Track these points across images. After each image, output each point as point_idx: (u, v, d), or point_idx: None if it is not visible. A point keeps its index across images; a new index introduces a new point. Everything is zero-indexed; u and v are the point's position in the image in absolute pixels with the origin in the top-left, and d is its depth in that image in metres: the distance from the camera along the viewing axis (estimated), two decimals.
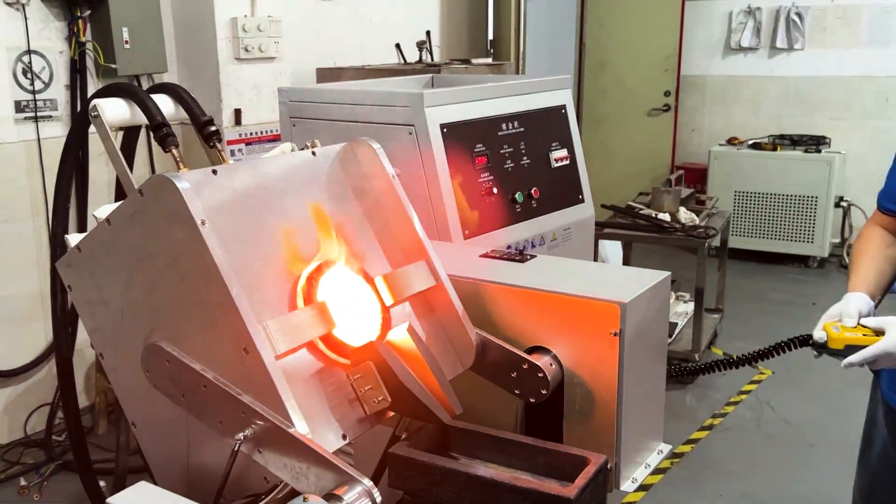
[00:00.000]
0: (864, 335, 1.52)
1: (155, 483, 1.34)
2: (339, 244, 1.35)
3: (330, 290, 1.30)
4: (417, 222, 1.46)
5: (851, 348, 1.51)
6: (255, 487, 1.17)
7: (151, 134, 1.48)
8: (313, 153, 1.45)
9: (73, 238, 1.34)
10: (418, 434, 1.38)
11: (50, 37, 3.58)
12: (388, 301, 1.36)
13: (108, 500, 1.10)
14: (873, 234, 1.80)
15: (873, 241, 1.78)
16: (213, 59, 3.95)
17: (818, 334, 1.56)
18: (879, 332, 1.51)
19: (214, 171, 1.25)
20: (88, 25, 3.63)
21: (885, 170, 1.83)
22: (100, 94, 1.57)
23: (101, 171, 3.73)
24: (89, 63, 3.68)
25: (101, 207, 1.31)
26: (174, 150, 1.45)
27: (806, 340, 1.59)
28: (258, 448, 1.14)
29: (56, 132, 3.63)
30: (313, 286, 1.28)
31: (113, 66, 3.63)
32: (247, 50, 3.98)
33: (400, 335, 1.29)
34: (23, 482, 3.28)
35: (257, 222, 1.28)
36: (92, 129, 1.55)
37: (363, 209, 1.47)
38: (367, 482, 1.07)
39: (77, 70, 3.63)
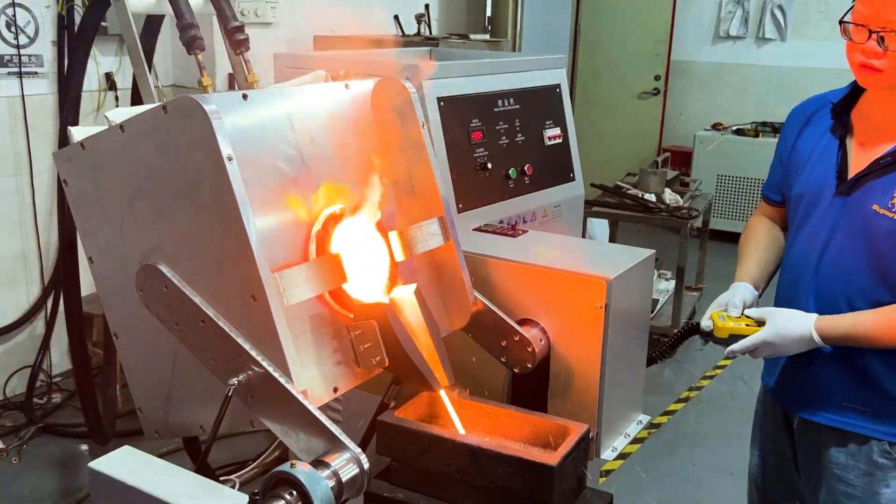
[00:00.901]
0: (747, 325, 1.61)
1: (138, 437, 1.35)
2: (359, 191, 1.29)
3: (344, 240, 1.25)
4: (439, 175, 1.40)
5: (735, 337, 1.61)
6: (237, 426, 1.16)
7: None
8: (346, 86, 1.35)
9: (79, 132, 1.24)
10: (406, 401, 1.41)
11: None
12: (399, 257, 1.32)
13: (90, 464, 1.10)
14: (758, 225, 1.88)
15: (758, 232, 1.86)
16: (208, 22, 3.91)
17: (705, 323, 1.65)
18: (761, 323, 1.61)
19: (245, 96, 1.17)
20: None
21: None
22: None
23: None
24: (78, 19, 3.55)
25: (116, 109, 1.23)
26: (198, 56, 1.34)
27: (694, 329, 1.68)
28: (250, 395, 1.11)
29: (41, 89, 3.53)
30: (328, 233, 1.23)
31: (103, 24, 3.53)
32: (242, 14, 3.95)
33: (406, 295, 1.28)
34: (1, 445, 3.23)
35: (282, 154, 1.20)
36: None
37: (387, 152, 1.38)
38: (356, 449, 1.06)
39: (65, 26, 3.53)
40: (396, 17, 4.94)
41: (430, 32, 5.00)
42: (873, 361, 1.60)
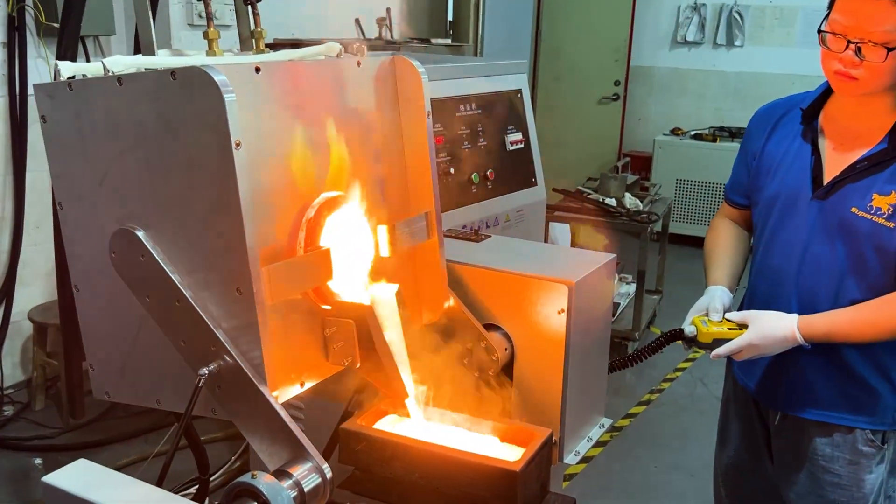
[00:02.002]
0: (730, 329, 1.65)
1: (93, 450, 1.28)
2: (358, 177, 1.24)
3: (333, 231, 1.21)
4: (434, 168, 1.35)
5: (718, 341, 1.65)
6: (199, 409, 1.11)
7: None
8: (358, 63, 1.29)
9: (67, 68, 1.14)
10: (369, 408, 1.39)
11: None
12: (385, 253, 1.28)
13: (44, 478, 1.07)
14: (723, 227, 1.92)
15: (724, 235, 1.90)
16: (165, 24, 3.85)
17: (688, 329, 1.69)
18: (743, 326, 1.65)
19: (257, 69, 1.10)
20: None
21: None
22: None
23: (40, 136, 3.61)
24: (29, 20, 3.48)
25: (115, 57, 1.15)
26: (209, 5, 1.25)
27: (677, 335, 1.71)
28: (218, 385, 1.08)
29: None
30: (319, 223, 1.18)
31: (55, 24, 3.40)
32: (200, 16, 3.90)
33: (386, 295, 1.25)
34: None
35: (286, 135, 1.15)
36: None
37: (389, 135, 1.33)
38: (319, 458, 1.05)
39: (15, 27, 3.42)
40: (357, 21, 4.92)
41: (392, 37, 4.99)
42: (852, 356, 1.67)
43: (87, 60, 3.74)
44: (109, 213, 1.14)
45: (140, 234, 1.10)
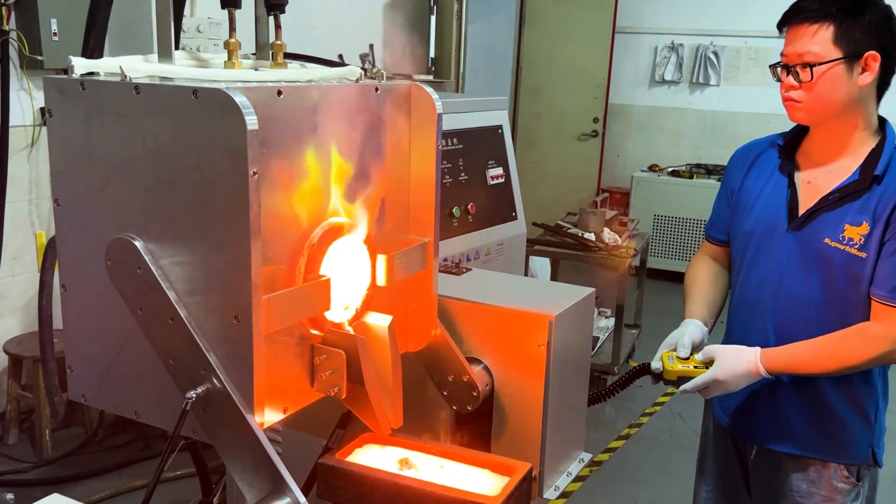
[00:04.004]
0: (695, 367, 1.68)
1: (66, 485, 1.25)
2: (361, 207, 1.23)
3: (334, 259, 1.19)
4: (438, 200, 1.35)
5: (683, 379, 1.68)
6: (181, 431, 1.10)
7: None
8: (376, 88, 1.27)
9: (80, 65, 1.11)
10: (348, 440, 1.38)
11: None
12: (381, 282, 1.26)
13: None
14: (702, 264, 1.95)
15: (703, 270, 1.93)
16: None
17: (655, 364, 1.73)
18: (709, 363, 1.67)
19: (279, 93, 1.07)
20: (13, 13, 3.43)
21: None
22: None
23: (21, 167, 3.59)
24: (13, 53, 3.48)
25: (132, 59, 1.12)
26: (233, 12, 1.20)
27: (645, 370, 1.74)
28: (203, 408, 1.06)
29: None
30: (321, 250, 1.16)
31: (39, 57, 3.44)
32: (184, 48, 3.93)
33: (379, 325, 1.24)
34: None
35: (301, 160, 1.13)
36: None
37: (396, 166, 1.33)
38: (298, 493, 1.03)
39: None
40: (340, 57, 4.98)
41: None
42: (827, 389, 1.69)
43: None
44: (109, 219, 1.12)
45: (139, 244, 1.08)
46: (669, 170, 6.75)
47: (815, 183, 1.70)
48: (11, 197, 3.45)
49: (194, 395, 1.05)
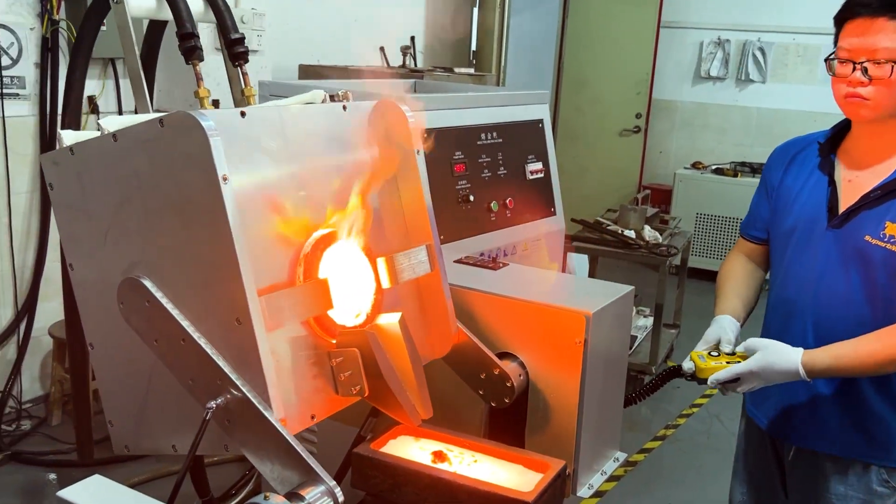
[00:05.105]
0: (728, 362, 1.65)
1: (108, 467, 1.30)
2: (350, 216, 1.28)
3: (332, 264, 1.24)
4: (430, 203, 1.40)
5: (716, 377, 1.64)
6: (211, 448, 1.15)
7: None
8: (343, 107, 1.35)
9: (69, 136, 1.22)
10: (383, 434, 1.39)
11: (21, 12, 3.46)
12: (386, 284, 1.30)
13: (59, 493, 1.07)
14: (736, 261, 1.92)
15: (736, 268, 1.90)
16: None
17: (687, 365, 1.70)
18: (744, 356, 1.64)
19: (243, 114, 1.15)
20: (63, 4, 3.52)
21: None
22: None
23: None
24: (62, 42, 3.58)
25: (110, 117, 1.22)
26: (197, 66, 1.31)
27: (676, 372, 1.72)
28: (227, 419, 1.10)
29: (22, 111, 3.51)
30: (317, 257, 1.22)
31: None
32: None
33: (390, 323, 1.26)
34: None
35: (274, 176, 1.19)
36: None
37: (381, 176, 1.37)
38: (331, 482, 1.05)
39: (49, 48, 3.52)
40: (382, 49, 5.00)
41: (416, 65, 5.06)
42: (868, 390, 1.65)
43: (116, 82, 3.83)
44: (115, 267, 1.19)
45: (145, 281, 1.14)
46: (713, 167, 6.64)
47: (857, 181, 1.68)
48: None
49: (214, 405, 1.09)
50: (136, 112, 1.32)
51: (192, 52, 1.34)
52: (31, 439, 3.50)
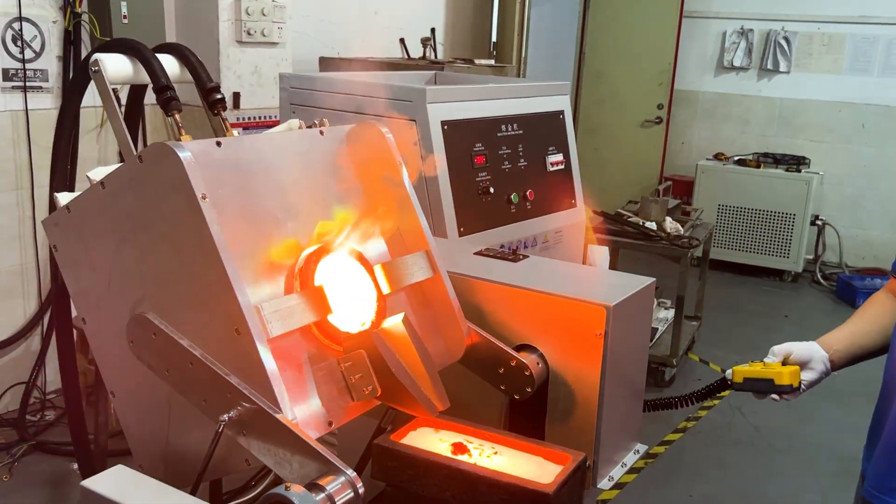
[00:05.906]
0: (764, 367, 1.63)
1: (130, 456, 1.34)
2: (340, 229, 1.32)
3: (327, 275, 1.28)
4: (420, 212, 1.44)
5: (749, 381, 1.64)
6: (236, 468, 1.17)
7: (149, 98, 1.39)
8: (321, 132, 1.40)
9: (64, 197, 1.29)
10: (403, 425, 1.39)
11: (43, 5, 3.48)
12: (386, 290, 1.34)
13: (83, 483, 1.08)
14: (876, 299, 1.74)
15: (874, 302, 1.73)
16: (214, 41, 3.94)
17: (728, 374, 1.66)
18: (802, 363, 1.61)
19: (218, 143, 1.20)
20: None
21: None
22: (102, 48, 1.47)
23: (90, 147, 3.70)
24: (84, 35, 3.59)
25: (96, 169, 1.28)
26: (176, 116, 1.38)
27: (723, 384, 1.69)
28: (242, 431, 1.12)
29: (45, 104, 3.54)
30: (311, 269, 1.26)
31: (108, 39, 3.58)
32: (249, 34, 3.98)
33: (394, 324, 1.28)
34: None
35: (259, 198, 1.24)
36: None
37: (367, 194, 1.43)
38: (351, 473, 1.06)
39: (71, 41, 3.54)
40: (402, 41, 4.99)
41: (436, 56, 5.04)
42: None
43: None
44: (121, 310, 1.23)
45: (149, 315, 1.19)
46: (735, 158, 6.55)
47: None
48: (81, 174, 3.57)
49: (227, 418, 1.11)
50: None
51: (169, 102, 1.40)
52: (55, 429, 3.54)
